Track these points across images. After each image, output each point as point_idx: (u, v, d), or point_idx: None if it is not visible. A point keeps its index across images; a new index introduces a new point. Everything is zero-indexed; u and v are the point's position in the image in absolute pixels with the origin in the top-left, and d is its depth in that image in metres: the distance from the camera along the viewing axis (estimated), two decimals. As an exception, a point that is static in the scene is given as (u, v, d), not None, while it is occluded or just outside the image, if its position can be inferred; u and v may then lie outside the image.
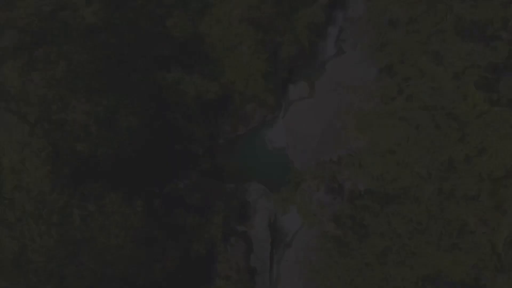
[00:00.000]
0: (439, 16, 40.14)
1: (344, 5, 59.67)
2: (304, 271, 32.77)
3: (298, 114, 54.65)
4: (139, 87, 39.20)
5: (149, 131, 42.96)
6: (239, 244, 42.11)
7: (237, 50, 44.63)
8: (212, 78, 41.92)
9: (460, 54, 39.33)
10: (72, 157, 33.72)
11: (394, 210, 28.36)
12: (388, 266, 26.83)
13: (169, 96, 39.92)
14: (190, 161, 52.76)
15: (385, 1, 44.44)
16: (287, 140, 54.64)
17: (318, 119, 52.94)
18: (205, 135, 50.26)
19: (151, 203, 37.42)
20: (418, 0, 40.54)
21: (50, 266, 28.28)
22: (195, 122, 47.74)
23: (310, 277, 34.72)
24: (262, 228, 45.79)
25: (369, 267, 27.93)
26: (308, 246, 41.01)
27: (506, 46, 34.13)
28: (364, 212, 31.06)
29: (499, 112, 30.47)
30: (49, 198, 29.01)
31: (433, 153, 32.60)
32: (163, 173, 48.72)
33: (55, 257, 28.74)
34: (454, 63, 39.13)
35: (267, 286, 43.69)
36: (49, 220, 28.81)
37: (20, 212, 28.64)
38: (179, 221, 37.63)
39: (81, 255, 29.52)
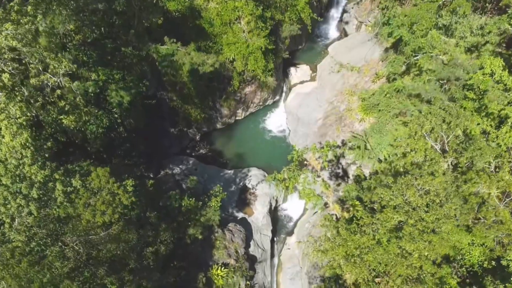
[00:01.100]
0: (450, -14, 37.93)
1: (346, -14, 58.06)
2: (308, 251, 30.12)
3: (299, 98, 52.51)
4: (130, 61, 36.82)
5: (142, 110, 40.50)
6: (238, 230, 39.50)
7: (236, 26, 42.29)
8: (209, 52, 39.60)
9: (472, 28, 37.32)
10: (57, 131, 31.25)
11: (409, 182, 25.87)
12: (403, 241, 24.27)
13: (162, 70, 37.39)
14: (186, 146, 50.49)
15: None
16: (288, 124, 52.59)
17: (321, 102, 50.78)
18: (202, 119, 47.91)
19: (144, 184, 34.87)
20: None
21: (30, 245, 25.62)
22: (191, 104, 45.33)
23: (314, 262, 32.10)
24: (262, 214, 43.29)
25: (381, 244, 25.38)
26: (313, 227, 38.45)
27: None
28: (372, 191, 28.53)
29: (521, 77, 28.02)
30: (29, 171, 26.45)
31: (448, 125, 30.30)
32: (157, 157, 46.28)
33: (35, 235, 26.13)
34: (466, 37, 37.07)
35: (267, 275, 41.07)
36: (29, 195, 26.26)
37: (-4, 185, 26.14)
38: (173, 203, 35.00)
39: (64, 234, 26.90)
